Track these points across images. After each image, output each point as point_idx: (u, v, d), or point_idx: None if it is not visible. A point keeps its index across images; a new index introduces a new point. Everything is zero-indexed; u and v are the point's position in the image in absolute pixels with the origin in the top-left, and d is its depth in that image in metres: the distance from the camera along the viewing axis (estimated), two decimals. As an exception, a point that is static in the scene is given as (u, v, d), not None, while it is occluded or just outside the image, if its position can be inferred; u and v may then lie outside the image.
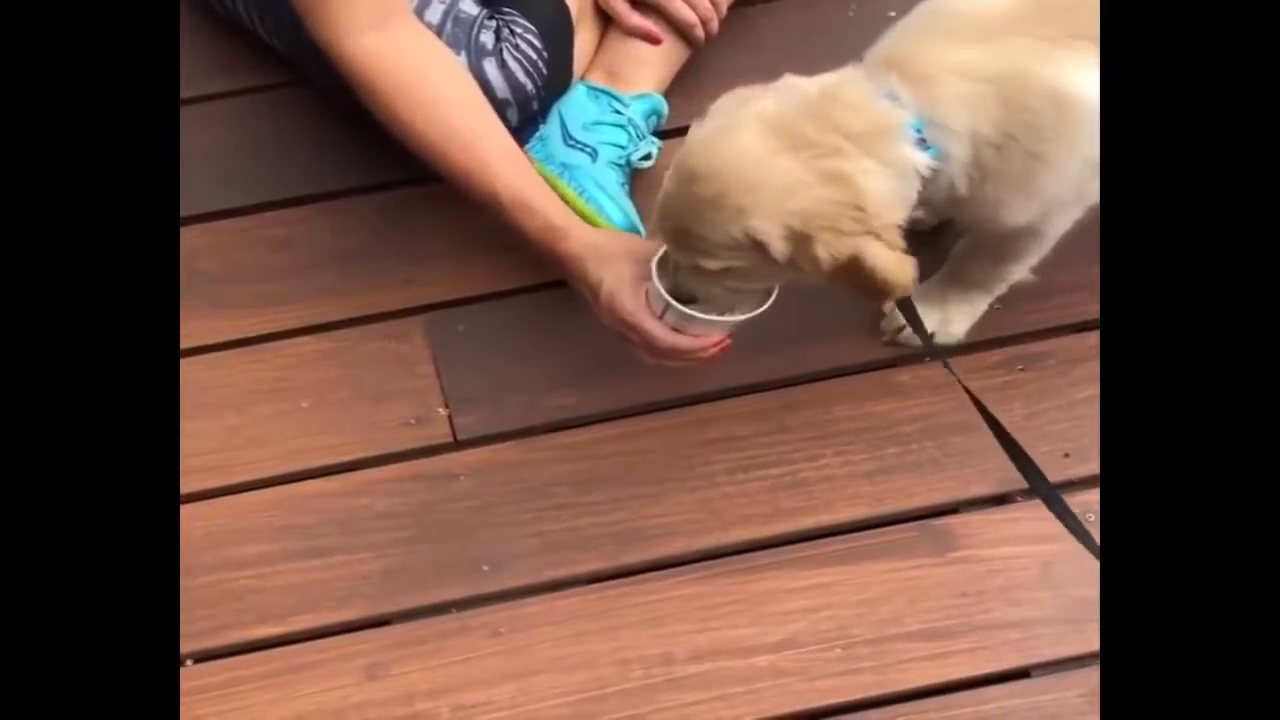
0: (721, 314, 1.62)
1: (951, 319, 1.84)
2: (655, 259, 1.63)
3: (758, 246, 1.51)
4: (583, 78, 2.06)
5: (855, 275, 1.52)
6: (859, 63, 1.58)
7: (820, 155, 1.50)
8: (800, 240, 1.50)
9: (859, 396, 1.83)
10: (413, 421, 1.82)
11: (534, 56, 1.94)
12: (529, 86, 1.94)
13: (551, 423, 1.84)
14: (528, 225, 1.72)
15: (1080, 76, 1.49)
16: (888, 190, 1.52)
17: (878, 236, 1.51)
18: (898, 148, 1.51)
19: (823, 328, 1.88)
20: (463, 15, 1.93)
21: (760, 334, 1.67)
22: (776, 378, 1.86)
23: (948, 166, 1.54)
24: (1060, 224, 1.67)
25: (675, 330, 1.63)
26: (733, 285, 1.59)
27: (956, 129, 1.52)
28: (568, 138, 2.01)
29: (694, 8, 2.03)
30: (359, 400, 1.83)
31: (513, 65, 1.93)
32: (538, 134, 2.02)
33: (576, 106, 2.03)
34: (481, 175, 1.73)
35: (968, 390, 1.63)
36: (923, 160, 1.52)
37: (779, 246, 1.50)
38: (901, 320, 1.83)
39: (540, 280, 1.91)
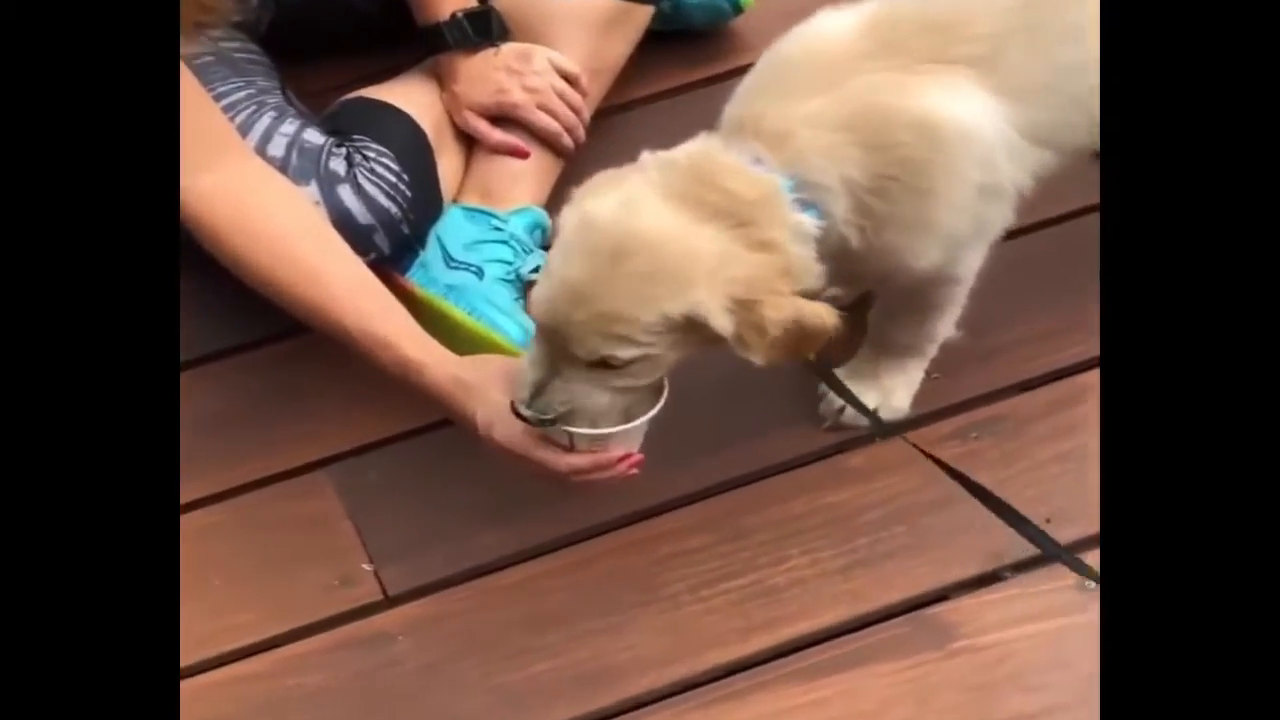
0: (598, 424, 1.48)
1: (891, 391, 1.73)
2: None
3: (692, 323, 1.40)
4: (456, 200, 1.92)
5: (797, 336, 1.42)
6: (711, 131, 1.49)
7: (739, 224, 1.41)
8: (745, 309, 1.40)
9: (813, 488, 1.70)
10: (336, 583, 1.63)
11: (392, 179, 1.81)
12: (393, 210, 1.81)
13: (488, 564, 1.66)
14: (382, 360, 1.57)
15: (941, 100, 1.45)
16: (803, 255, 1.44)
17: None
18: (786, 212, 1.44)
19: (754, 422, 1.76)
20: (308, 145, 1.80)
21: (687, 438, 1.58)
22: (719, 480, 1.72)
23: (832, 223, 1.46)
24: (970, 261, 1.60)
25: (569, 450, 1.49)
26: (625, 384, 1.45)
27: (828, 183, 1.45)
28: (449, 260, 1.86)
29: (555, 117, 1.93)
30: (272, 569, 1.63)
31: (371, 190, 1.80)
32: (418, 260, 1.88)
33: (454, 228, 1.89)
34: (327, 311, 1.59)
35: (933, 458, 1.53)
36: (809, 222, 1.45)
37: (721, 320, 1.39)
38: (840, 401, 1.71)
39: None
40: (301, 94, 1.91)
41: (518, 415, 1.45)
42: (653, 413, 1.49)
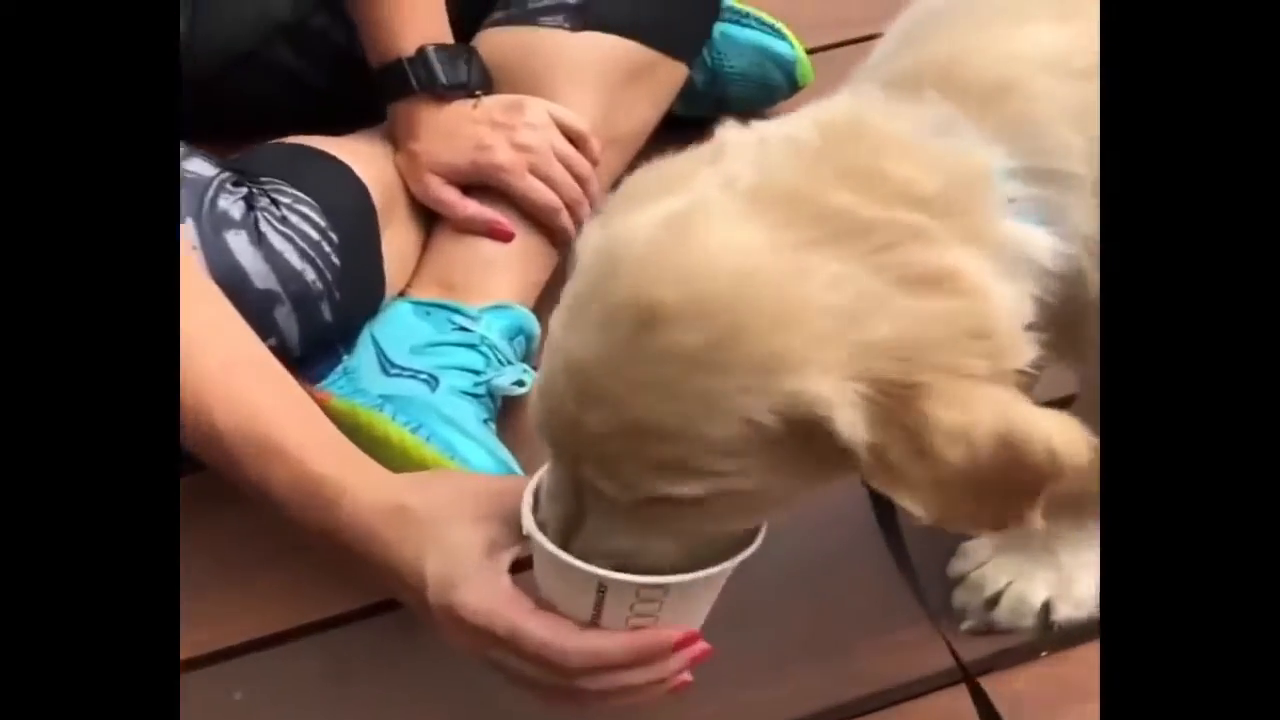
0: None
1: (1072, 576, 1.09)
2: (529, 494, 0.89)
3: (802, 428, 0.77)
4: (404, 294, 1.31)
5: (999, 468, 0.79)
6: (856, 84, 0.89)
7: (886, 245, 0.79)
8: (894, 403, 0.77)
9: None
10: None
11: (314, 236, 1.21)
12: (308, 277, 1.21)
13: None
14: (273, 484, 0.97)
15: None
16: (1016, 305, 0.82)
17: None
18: (994, 219, 0.82)
19: (849, 618, 1.11)
20: (190, 175, 1.22)
21: (748, 644, 1.00)
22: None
23: (1073, 246, 0.84)
24: None
25: (592, 625, 0.88)
26: (700, 527, 0.84)
27: (1078, 171, 0.83)
28: (389, 366, 1.24)
29: (553, 185, 1.34)
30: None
31: (277, 242, 1.20)
32: (340, 367, 1.25)
33: (399, 327, 1.28)
34: (184, 396, 0.97)
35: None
36: (1038, 239, 0.83)
37: (851, 424, 0.77)
38: (992, 586, 1.08)
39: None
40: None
41: (543, 548, 0.87)
42: (746, 554, 0.87)
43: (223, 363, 1.01)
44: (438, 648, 1.05)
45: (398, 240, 1.35)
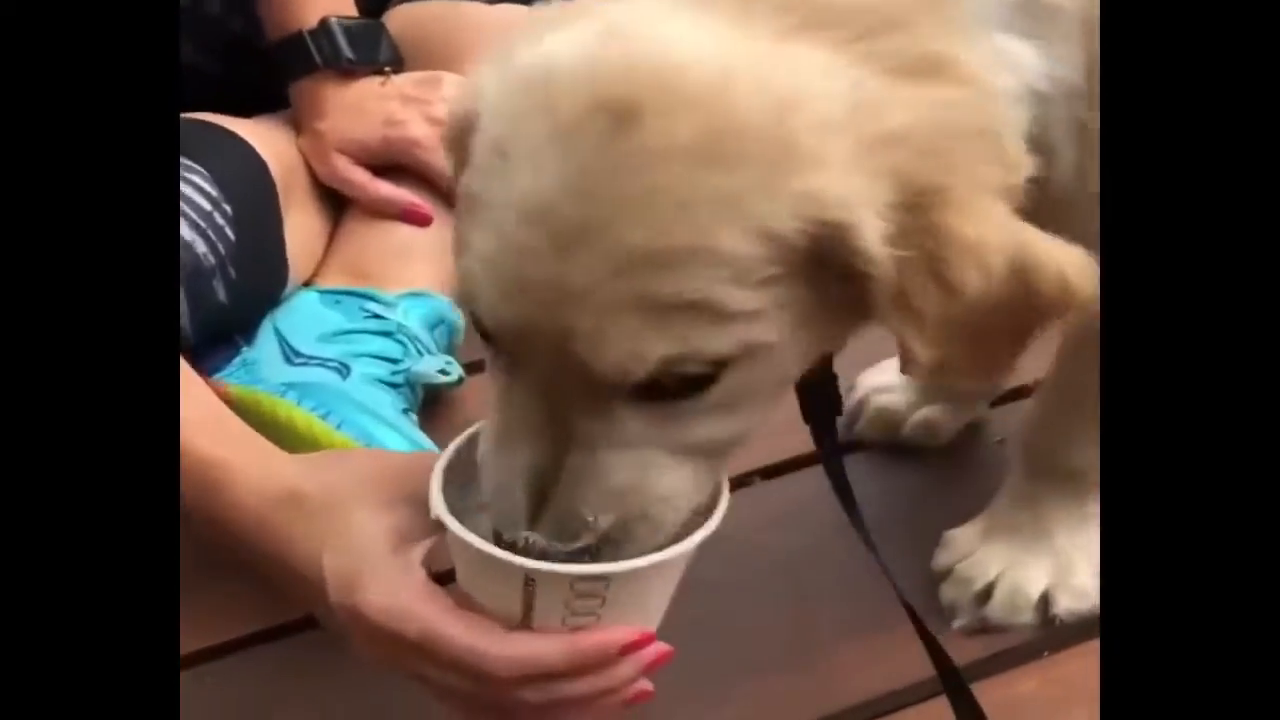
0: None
1: (1071, 562, 0.97)
2: (439, 469, 0.75)
3: (818, 250, 0.65)
4: (307, 284, 1.18)
5: (1014, 292, 0.68)
6: None
7: (868, 33, 0.67)
8: (916, 217, 0.66)
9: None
10: None
11: (205, 206, 1.08)
12: (199, 248, 1.08)
13: None
14: None
15: None
16: (1014, 109, 0.71)
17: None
18: (980, 26, 0.70)
19: (829, 622, 0.99)
20: None
21: (715, 655, 0.89)
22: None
23: (1055, 90, 0.73)
24: None
25: (523, 627, 0.74)
26: (702, 434, 0.70)
27: (1064, 4, 0.72)
28: (293, 356, 1.10)
29: None
30: None
31: None
32: (238, 358, 1.11)
33: (304, 316, 1.14)
34: None
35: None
36: (1029, 57, 0.72)
37: (875, 233, 0.65)
38: (982, 579, 0.96)
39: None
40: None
41: (504, 549, 0.71)
42: (703, 534, 0.73)
43: None
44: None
45: (301, 229, 1.21)
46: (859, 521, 0.86)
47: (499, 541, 0.71)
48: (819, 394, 0.87)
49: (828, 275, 0.65)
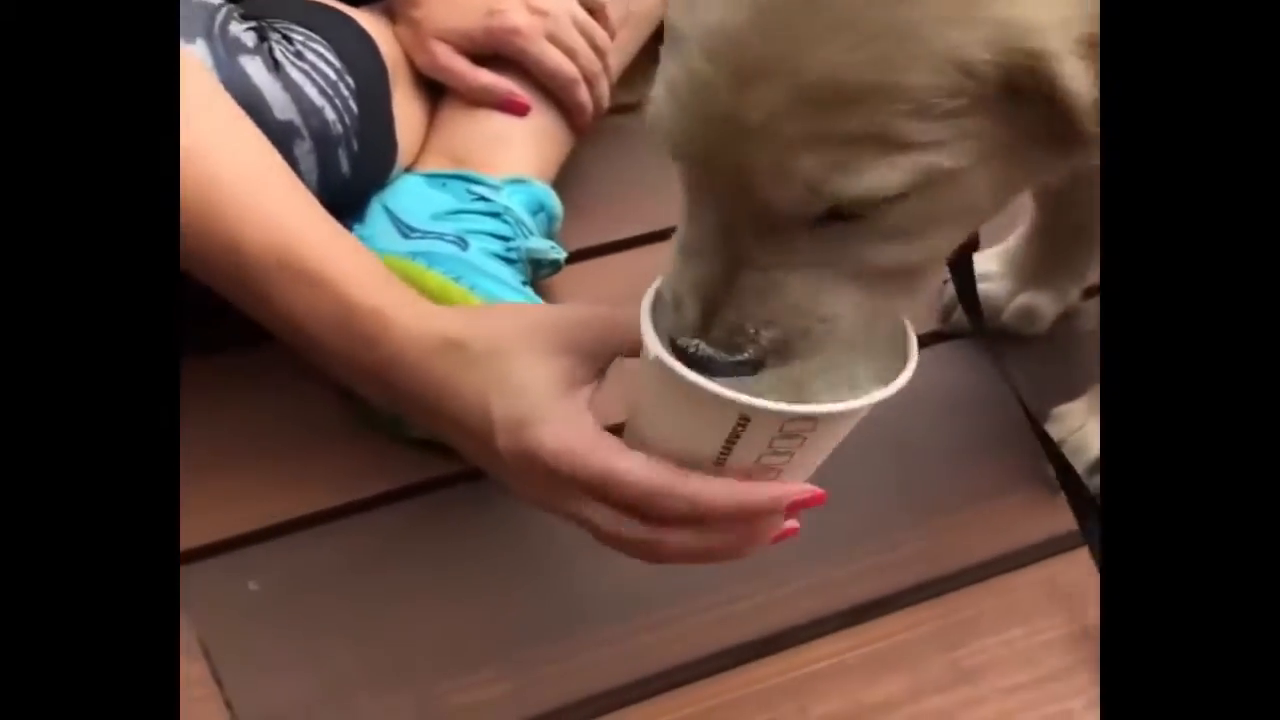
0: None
1: None
2: (647, 302, 0.75)
3: (1010, 84, 0.67)
4: (410, 169, 1.19)
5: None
6: None
7: None
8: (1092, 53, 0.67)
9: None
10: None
11: (332, 76, 1.11)
12: (329, 115, 1.11)
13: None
14: (310, 311, 0.87)
15: None
16: None
17: None
18: None
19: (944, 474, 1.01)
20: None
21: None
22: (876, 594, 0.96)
23: None
24: None
25: (714, 467, 0.75)
26: (887, 259, 0.72)
27: None
28: (407, 231, 1.12)
29: (573, 55, 1.23)
30: None
31: (295, 75, 1.10)
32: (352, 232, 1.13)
33: (413, 198, 1.16)
34: (206, 213, 0.88)
35: None
36: None
37: (1076, 67, 0.67)
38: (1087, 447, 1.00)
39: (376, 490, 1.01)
40: None
41: (674, 353, 0.72)
42: (907, 374, 0.75)
43: (242, 172, 0.89)
44: (458, 536, 0.94)
45: (404, 115, 1.23)
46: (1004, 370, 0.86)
47: (674, 350, 0.72)
48: (962, 269, 0.90)
49: (1020, 105, 0.67)
